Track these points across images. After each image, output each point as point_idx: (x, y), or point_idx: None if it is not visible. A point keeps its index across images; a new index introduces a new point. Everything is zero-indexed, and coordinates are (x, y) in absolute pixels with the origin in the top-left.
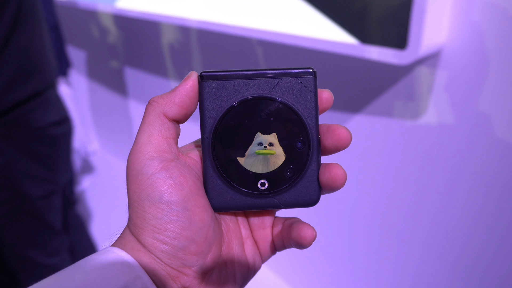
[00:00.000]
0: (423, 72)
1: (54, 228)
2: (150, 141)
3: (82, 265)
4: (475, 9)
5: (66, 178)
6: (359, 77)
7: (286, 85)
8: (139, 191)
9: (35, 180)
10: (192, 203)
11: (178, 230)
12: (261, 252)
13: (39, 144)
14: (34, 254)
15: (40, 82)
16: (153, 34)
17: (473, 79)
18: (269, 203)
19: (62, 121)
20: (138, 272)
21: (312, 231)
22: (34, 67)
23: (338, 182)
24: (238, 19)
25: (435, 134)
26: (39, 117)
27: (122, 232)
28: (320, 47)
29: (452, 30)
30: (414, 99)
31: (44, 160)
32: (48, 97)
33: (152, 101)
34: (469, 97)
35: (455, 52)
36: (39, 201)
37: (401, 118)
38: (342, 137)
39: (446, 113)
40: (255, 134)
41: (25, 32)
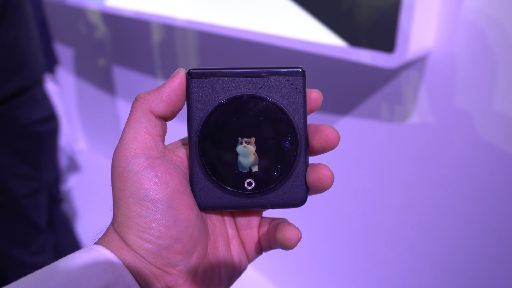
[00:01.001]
0: (410, 76)
1: (39, 227)
2: (136, 138)
3: (64, 263)
4: (462, 14)
5: (52, 176)
6: (347, 80)
7: (275, 84)
8: (123, 188)
9: (19, 178)
10: (178, 202)
11: (162, 229)
12: (247, 252)
13: (25, 141)
14: (19, 252)
15: (26, 79)
16: (141, 32)
17: (459, 83)
18: (255, 203)
19: (49, 118)
20: (121, 271)
21: (297, 232)
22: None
23: (325, 183)
24: (227, 20)
25: (421, 136)
26: (25, 114)
27: (106, 230)
28: (308, 49)
29: (439, 35)
30: (400, 102)
31: (29, 157)
32: (35, 94)
33: (138, 97)
34: (454, 100)
35: (441, 57)
36: (24, 199)
37: (388, 120)
38: (330, 138)
39: (431, 115)
40: (242, 132)
41: (11, 28)
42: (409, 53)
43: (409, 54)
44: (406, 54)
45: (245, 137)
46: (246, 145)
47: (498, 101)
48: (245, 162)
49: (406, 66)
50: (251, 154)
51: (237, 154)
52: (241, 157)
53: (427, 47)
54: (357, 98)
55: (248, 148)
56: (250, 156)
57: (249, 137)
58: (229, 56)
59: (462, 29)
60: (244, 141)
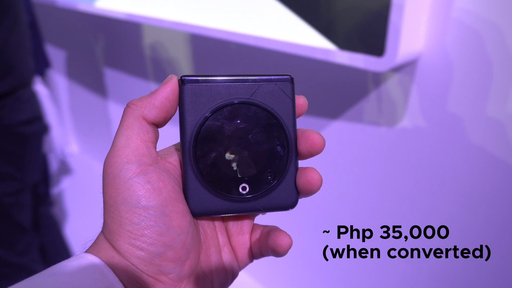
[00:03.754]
0: (401, 80)
1: (23, 227)
2: (129, 144)
3: (53, 272)
4: (453, 16)
5: (36, 177)
6: (337, 83)
7: (266, 91)
8: (115, 195)
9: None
10: (171, 209)
11: (155, 236)
12: (238, 259)
13: (8, 142)
14: (2, 252)
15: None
16: (133, 35)
17: (450, 86)
18: (249, 207)
19: (34, 119)
20: (112, 280)
21: (288, 239)
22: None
23: (313, 186)
24: (218, 22)
25: (412, 141)
26: (9, 114)
27: (97, 238)
28: (298, 52)
29: (430, 38)
30: (391, 106)
31: (12, 157)
32: (20, 96)
33: (130, 104)
34: (443, 104)
35: (432, 60)
36: (5, 198)
37: (378, 124)
38: (316, 143)
39: (422, 119)
40: (236, 138)
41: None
42: (399, 56)
43: (399, 57)
44: (396, 57)
45: (237, 145)
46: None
47: (490, 105)
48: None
49: (396, 70)
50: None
51: (231, 160)
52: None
53: (417, 50)
54: (347, 101)
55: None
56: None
57: (242, 143)
58: (219, 59)
59: (453, 31)
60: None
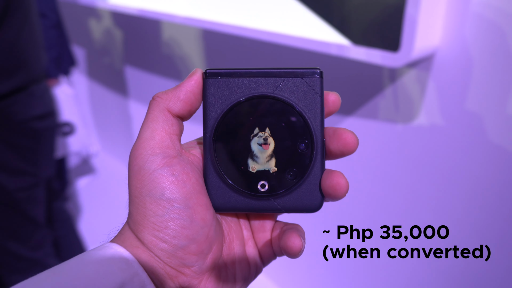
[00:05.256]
0: (417, 75)
1: (37, 221)
2: (154, 137)
3: (79, 260)
4: (471, 10)
5: (49, 172)
6: (352, 79)
7: (291, 85)
8: (140, 187)
9: (14, 172)
10: (194, 201)
11: (178, 229)
12: (261, 255)
13: (21, 137)
14: (16, 247)
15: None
16: (153, 32)
17: (466, 83)
18: (269, 206)
19: (47, 115)
20: (137, 269)
21: (298, 242)
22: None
23: (338, 192)
24: (234, 18)
25: (428, 138)
26: (22, 110)
27: (122, 228)
28: (313, 47)
29: (445, 34)
30: (407, 102)
31: (25, 152)
32: (33, 91)
33: (156, 96)
34: (461, 101)
35: (448, 56)
36: (19, 193)
37: (393, 121)
38: (349, 142)
39: (438, 116)
40: (257, 133)
41: (12, 27)
42: (415, 52)
43: (415, 53)
44: (411, 53)
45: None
46: (265, 138)
47: (510, 101)
48: (261, 160)
49: (412, 65)
50: (268, 153)
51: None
52: (257, 152)
53: (434, 45)
54: (362, 97)
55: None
56: (267, 156)
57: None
58: (233, 55)
59: (471, 25)
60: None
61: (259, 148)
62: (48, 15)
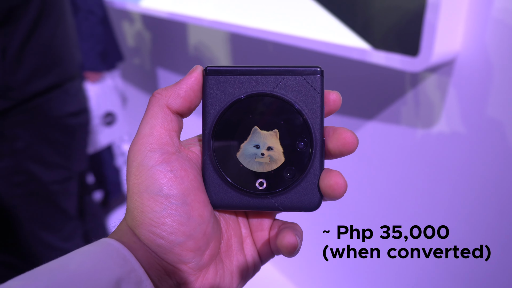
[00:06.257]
0: (437, 81)
1: (69, 214)
2: (152, 133)
3: (77, 255)
4: (492, 15)
5: (82, 166)
6: (373, 83)
7: (291, 83)
8: (138, 183)
9: (50, 165)
10: (192, 198)
11: (175, 225)
12: (260, 253)
13: (56, 132)
14: (49, 236)
15: (60, 74)
16: (182, 35)
17: (487, 88)
18: (267, 204)
19: (80, 112)
20: (134, 265)
21: (294, 241)
22: (56, 59)
23: (336, 192)
24: (257, 21)
25: (449, 144)
26: (58, 106)
27: (119, 224)
28: (332, 51)
29: (467, 37)
30: (428, 108)
31: (60, 147)
32: (68, 89)
33: (156, 93)
34: (482, 107)
35: (469, 61)
36: (54, 185)
37: (414, 126)
38: (348, 142)
39: (460, 123)
40: (255, 131)
41: (48, 27)
42: (434, 56)
43: (434, 57)
44: (430, 57)
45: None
46: (263, 156)
47: None
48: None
49: (433, 70)
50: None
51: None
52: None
53: (454, 50)
54: (383, 102)
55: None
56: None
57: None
58: (257, 58)
59: (493, 31)
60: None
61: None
62: (95, 11)
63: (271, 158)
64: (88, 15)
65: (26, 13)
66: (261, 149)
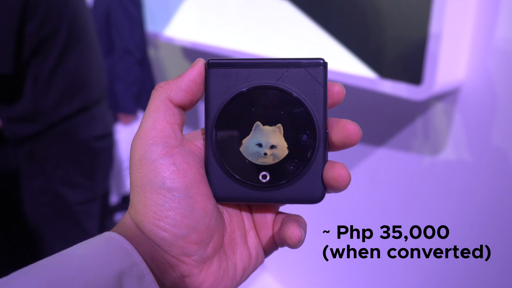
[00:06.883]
0: (443, 109)
1: (90, 234)
2: (155, 127)
3: (79, 249)
4: (495, 45)
5: (104, 188)
6: (379, 111)
7: (294, 76)
8: (141, 176)
9: (75, 186)
10: (195, 191)
11: (179, 218)
12: (263, 246)
13: (82, 154)
14: None
15: (86, 98)
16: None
17: (491, 117)
18: (270, 197)
19: (106, 135)
20: (136, 259)
21: (298, 232)
22: (82, 84)
23: (340, 184)
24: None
25: (455, 172)
26: (84, 130)
27: (123, 217)
28: (339, 79)
29: (471, 67)
30: (433, 135)
31: (85, 169)
32: (94, 113)
33: (158, 86)
34: (487, 135)
35: (473, 90)
36: (77, 206)
37: (420, 153)
38: (351, 133)
39: (466, 151)
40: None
41: (74, 55)
42: (437, 85)
43: (437, 86)
44: (433, 86)
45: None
46: (265, 154)
47: None
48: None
49: (438, 99)
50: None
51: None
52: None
53: (458, 79)
54: (390, 129)
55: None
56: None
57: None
58: None
59: (495, 61)
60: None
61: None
62: (133, 52)
63: (274, 157)
64: (124, 55)
65: (55, 43)
66: (264, 148)
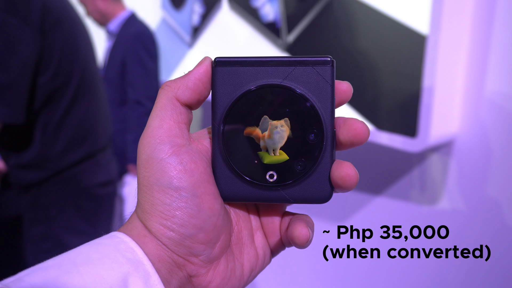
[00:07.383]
0: (438, 160)
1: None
2: (162, 125)
3: (85, 249)
4: (487, 98)
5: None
6: (376, 162)
7: (301, 74)
8: (148, 175)
9: (77, 232)
10: (202, 190)
11: (186, 218)
12: (270, 246)
13: (85, 201)
14: None
15: (92, 145)
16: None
17: (485, 168)
18: (277, 197)
19: (108, 182)
20: (142, 259)
21: (306, 232)
22: (88, 132)
23: (348, 183)
24: None
25: (451, 221)
26: (89, 177)
27: (130, 217)
28: None
29: (464, 120)
30: (429, 186)
31: (87, 215)
32: (99, 160)
33: (165, 85)
34: (485, 187)
35: (467, 142)
36: None
37: (417, 202)
38: (359, 132)
39: (461, 201)
40: (266, 123)
41: (83, 104)
42: (432, 138)
43: (432, 139)
44: (428, 139)
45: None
46: (280, 128)
47: None
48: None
49: (433, 150)
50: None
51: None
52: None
53: (452, 132)
54: (390, 178)
55: (281, 133)
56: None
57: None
58: None
59: (488, 113)
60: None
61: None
62: (144, 103)
63: (280, 136)
64: (135, 106)
65: (65, 93)
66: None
